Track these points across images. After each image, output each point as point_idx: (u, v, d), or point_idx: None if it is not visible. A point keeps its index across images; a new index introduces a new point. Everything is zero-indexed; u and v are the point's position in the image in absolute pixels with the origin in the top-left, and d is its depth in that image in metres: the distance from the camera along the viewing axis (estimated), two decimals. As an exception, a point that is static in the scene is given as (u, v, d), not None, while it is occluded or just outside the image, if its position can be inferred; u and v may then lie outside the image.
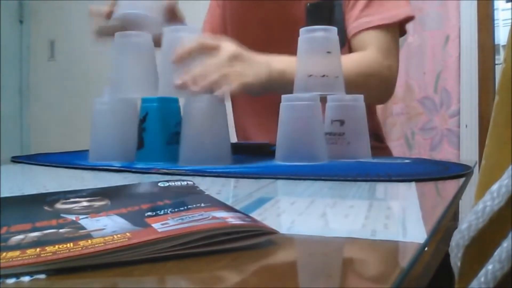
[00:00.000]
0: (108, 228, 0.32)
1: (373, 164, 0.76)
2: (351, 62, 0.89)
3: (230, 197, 0.51)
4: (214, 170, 0.68)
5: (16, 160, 0.90)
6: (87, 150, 0.95)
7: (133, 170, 0.71)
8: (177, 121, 0.78)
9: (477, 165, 0.79)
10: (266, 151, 0.87)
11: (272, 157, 0.80)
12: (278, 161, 0.76)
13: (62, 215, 0.36)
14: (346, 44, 0.99)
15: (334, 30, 0.79)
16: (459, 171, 0.65)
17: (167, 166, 0.72)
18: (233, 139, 1.23)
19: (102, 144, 0.81)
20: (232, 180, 0.63)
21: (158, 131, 0.77)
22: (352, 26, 0.97)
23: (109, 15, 0.87)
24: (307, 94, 0.76)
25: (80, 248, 0.28)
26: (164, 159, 0.77)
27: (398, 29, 0.99)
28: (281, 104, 0.76)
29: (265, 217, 0.40)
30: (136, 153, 0.79)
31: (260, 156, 0.84)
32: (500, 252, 0.26)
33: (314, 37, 0.79)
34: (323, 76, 0.77)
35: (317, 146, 0.76)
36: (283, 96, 0.77)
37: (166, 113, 0.78)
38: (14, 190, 0.55)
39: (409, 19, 0.98)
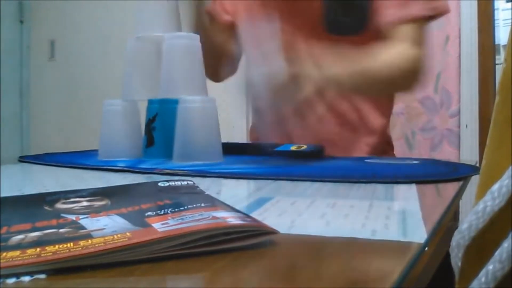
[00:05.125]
0: (108, 228, 0.32)
1: (379, 165, 0.75)
2: (390, 59, 0.90)
3: (230, 197, 0.51)
4: (214, 170, 0.68)
5: (23, 160, 0.91)
6: (92, 150, 0.96)
7: (136, 170, 0.71)
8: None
9: (478, 165, 0.79)
10: (270, 151, 0.87)
11: (275, 157, 0.81)
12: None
13: (62, 215, 0.36)
14: (368, 27, 0.96)
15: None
16: (469, 173, 0.65)
17: (170, 164, 0.72)
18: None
19: (111, 143, 0.87)
20: (232, 180, 0.63)
21: (167, 130, 0.82)
22: (390, 15, 0.93)
23: None
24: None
25: (80, 248, 0.28)
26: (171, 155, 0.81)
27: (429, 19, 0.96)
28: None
29: (265, 217, 0.40)
30: (145, 150, 0.84)
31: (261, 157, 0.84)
32: (501, 252, 0.26)
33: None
34: None
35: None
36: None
37: (172, 113, 0.82)
38: (14, 190, 0.55)
39: (446, 12, 0.95)
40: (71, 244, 0.28)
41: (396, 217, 0.41)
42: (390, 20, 0.93)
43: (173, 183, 0.47)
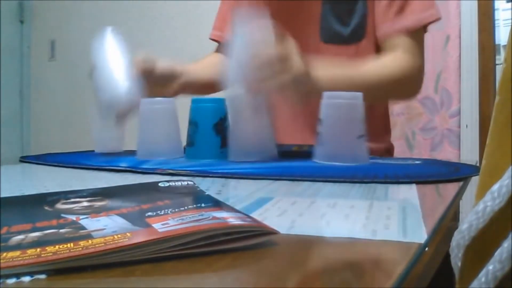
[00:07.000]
0: (108, 228, 0.32)
1: (380, 165, 0.75)
2: (383, 66, 0.95)
3: (230, 197, 0.51)
4: (215, 171, 0.68)
5: (24, 160, 0.91)
6: (93, 150, 0.96)
7: (138, 170, 0.71)
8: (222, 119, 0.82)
9: (478, 165, 0.79)
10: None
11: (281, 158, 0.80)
12: (319, 161, 0.76)
13: (62, 215, 0.36)
14: (364, 38, 1.01)
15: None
16: (470, 173, 0.64)
17: (171, 165, 0.72)
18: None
19: (149, 142, 0.86)
20: (232, 180, 0.63)
21: (208, 130, 0.81)
22: (386, 28, 0.99)
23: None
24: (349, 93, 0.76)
25: (80, 248, 0.28)
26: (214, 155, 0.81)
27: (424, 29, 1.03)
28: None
29: (265, 217, 0.40)
30: (187, 150, 0.83)
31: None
32: (501, 252, 0.26)
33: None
34: None
35: (354, 146, 0.75)
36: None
37: (214, 113, 0.82)
38: (14, 190, 0.55)
39: (437, 20, 1.01)
40: (71, 244, 0.28)
41: (396, 217, 0.41)
42: (385, 33, 0.99)
43: (174, 184, 0.47)
